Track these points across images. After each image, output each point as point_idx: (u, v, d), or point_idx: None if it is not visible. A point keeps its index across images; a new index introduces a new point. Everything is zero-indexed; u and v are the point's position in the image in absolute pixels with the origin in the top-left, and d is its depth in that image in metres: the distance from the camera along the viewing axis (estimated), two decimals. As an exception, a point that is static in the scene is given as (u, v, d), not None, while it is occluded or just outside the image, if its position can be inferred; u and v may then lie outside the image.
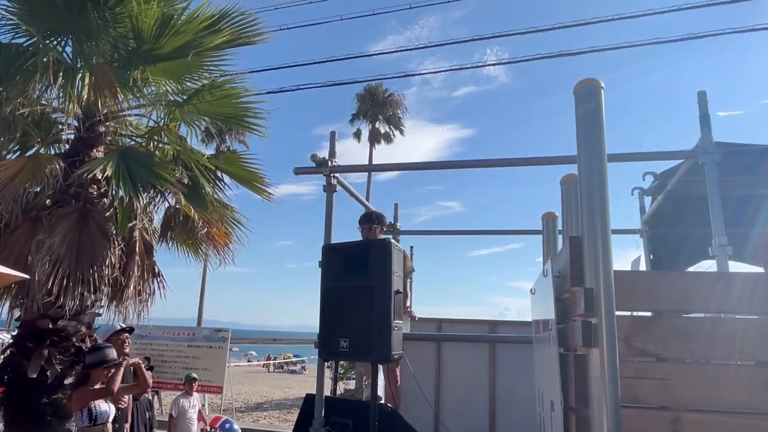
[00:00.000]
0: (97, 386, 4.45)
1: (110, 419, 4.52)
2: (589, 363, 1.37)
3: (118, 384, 4.51)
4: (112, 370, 4.56)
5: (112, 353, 4.58)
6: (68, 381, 5.42)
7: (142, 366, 4.90)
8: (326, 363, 3.81)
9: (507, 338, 5.01)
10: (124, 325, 5.76)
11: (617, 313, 1.36)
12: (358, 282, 3.13)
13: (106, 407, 4.50)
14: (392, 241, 3.14)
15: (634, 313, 1.59)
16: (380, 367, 5.01)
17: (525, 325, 5.85)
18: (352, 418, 3.57)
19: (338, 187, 3.98)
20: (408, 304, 5.23)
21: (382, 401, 4.61)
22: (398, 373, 4.87)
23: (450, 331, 5.62)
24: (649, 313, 1.65)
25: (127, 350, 5.56)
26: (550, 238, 2.80)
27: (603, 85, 1.46)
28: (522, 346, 5.23)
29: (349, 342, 3.11)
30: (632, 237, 5.32)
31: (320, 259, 3.56)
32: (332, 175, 3.78)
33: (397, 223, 6.14)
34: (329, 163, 3.77)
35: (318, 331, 3.50)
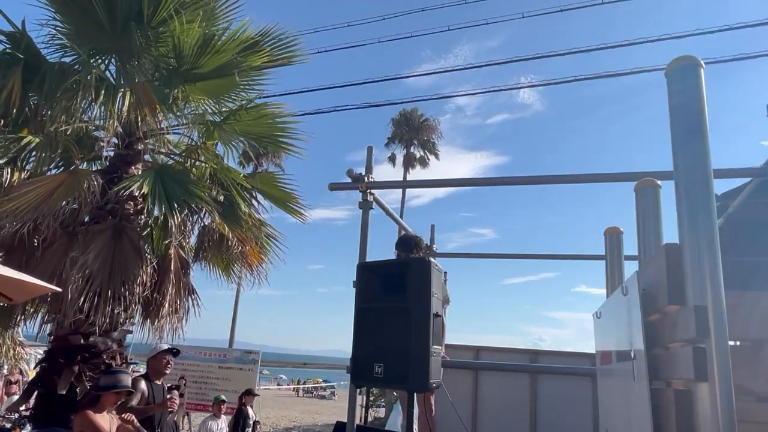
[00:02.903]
0: (103, 415, 4.25)
1: None
2: (697, 400, 1.10)
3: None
4: (123, 398, 4.43)
5: (126, 380, 4.37)
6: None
7: (136, 424, 4.62)
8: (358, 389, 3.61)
9: (552, 369, 4.69)
10: (170, 346, 5.60)
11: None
12: (395, 303, 2.93)
13: None
14: (432, 260, 2.95)
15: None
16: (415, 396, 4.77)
17: (570, 356, 5.51)
18: (384, 450, 3.34)
19: (374, 207, 3.83)
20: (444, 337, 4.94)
21: (416, 432, 4.35)
22: (432, 402, 4.61)
23: (488, 359, 5.33)
24: (736, 342, 1.39)
25: (168, 371, 5.42)
26: (614, 255, 2.55)
27: (702, 63, 1.24)
28: (567, 378, 4.90)
29: (384, 367, 2.90)
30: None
31: (354, 279, 3.39)
32: (368, 191, 3.63)
33: (434, 246, 5.94)
34: (366, 178, 3.63)
35: (350, 356, 3.31)
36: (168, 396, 5.33)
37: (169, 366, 5.41)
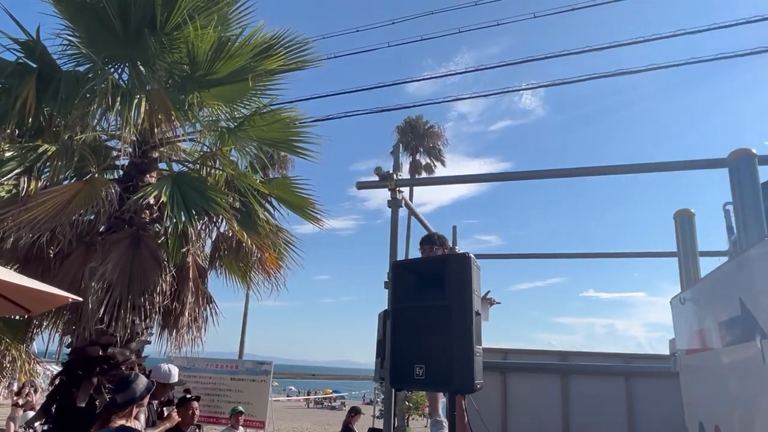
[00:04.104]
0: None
1: None
2: None
3: None
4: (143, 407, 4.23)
5: (141, 384, 3.97)
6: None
7: None
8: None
9: (586, 368, 4.56)
10: (178, 375, 5.45)
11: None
12: (435, 302, 2.83)
13: None
14: (472, 256, 2.85)
15: None
16: (443, 400, 4.62)
17: (600, 356, 5.38)
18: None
19: (402, 206, 3.74)
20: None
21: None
22: (465, 407, 4.48)
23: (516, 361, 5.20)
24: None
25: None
26: (686, 237, 2.43)
27: None
28: (599, 379, 4.77)
29: (426, 369, 2.79)
30: (719, 260, 4.83)
31: (386, 279, 3.29)
32: (397, 189, 3.54)
33: (456, 246, 5.84)
34: (394, 176, 3.54)
35: (380, 357, 3.20)
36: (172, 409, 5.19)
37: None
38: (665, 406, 4.45)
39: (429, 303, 2.87)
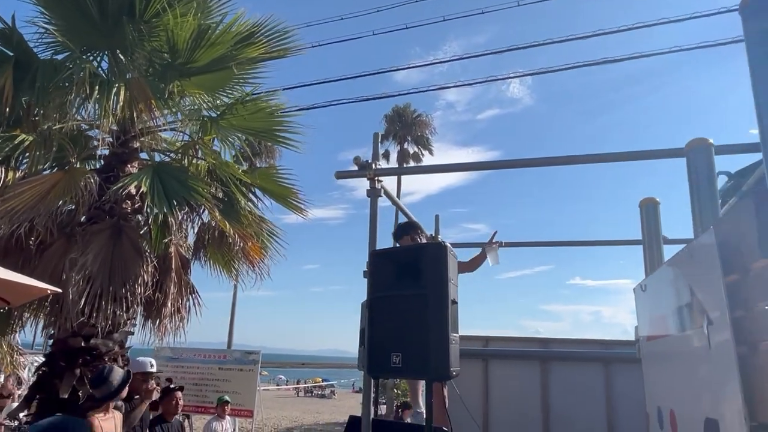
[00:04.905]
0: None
1: None
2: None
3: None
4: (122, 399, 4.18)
5: (117, 376, 3.93)
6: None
7: None
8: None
9: (565, 354, 4.62)
10: (153, 363, 5.45)
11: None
12: (411, 290, 2.85)
13: None
14: (448, 245, 2.86)
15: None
16: (422, 388, 4.67)
17: (580, 343, 5.45)
18: (402, 443, 3.25)
19: (381, 195, 3.73)
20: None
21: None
22: (446, 394, 4.53)
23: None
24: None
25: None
26: (651, 225, 2.47)
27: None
28: (579, 365, 4.84)
29: (402, 357, 2.81)
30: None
31: (365, 269, 3.31)
32: (376, 178, 3.55)
33: (438, 236, 5.86)
34: (373, 165, 3.54)
35: (363, 346, 3.22)
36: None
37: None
38: (643, 391, 4.53)
39: (406, 292, 2.89)
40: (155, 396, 5.31)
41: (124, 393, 4.01)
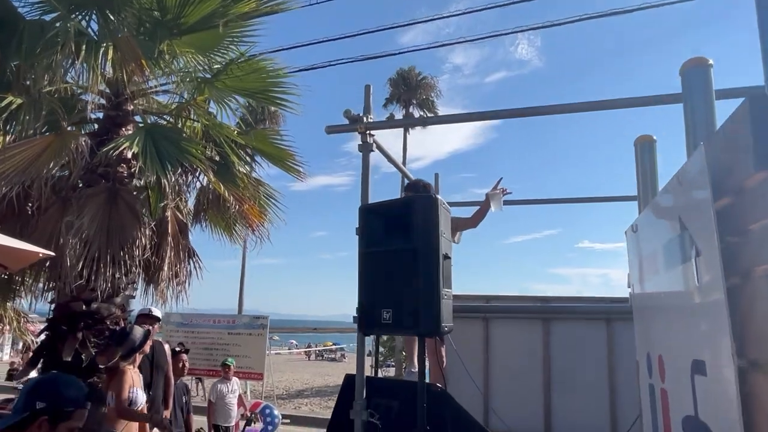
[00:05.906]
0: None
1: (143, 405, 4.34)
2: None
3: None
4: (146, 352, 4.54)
5: (138, 333, 4.33)
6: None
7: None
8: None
9: (566, 309, 4.55)
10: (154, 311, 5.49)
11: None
12: (401, 245, 2.76)
13: (142, 394, 4.32)
14: (439, 198, 2.76)
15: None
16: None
17: (582, 301, 5.39)
18: (397, 400, 3.22)
19: (374, 150, 3.61)
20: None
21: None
22: (444, 353, 4.50)
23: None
24: None
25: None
26: (645, 164, 2.33)
27: None
28: (581, 323, 4.79)
29: (392, 313, 2.75)
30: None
31: (357, 226, 3.21)
32: (368, 132, 3.41)
33: (438, 196, 5.72)
34: (365, 119, 3.40)
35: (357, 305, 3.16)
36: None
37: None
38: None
39: (396, 247, 2.81)
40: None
41: (147, 347, 4.46)
